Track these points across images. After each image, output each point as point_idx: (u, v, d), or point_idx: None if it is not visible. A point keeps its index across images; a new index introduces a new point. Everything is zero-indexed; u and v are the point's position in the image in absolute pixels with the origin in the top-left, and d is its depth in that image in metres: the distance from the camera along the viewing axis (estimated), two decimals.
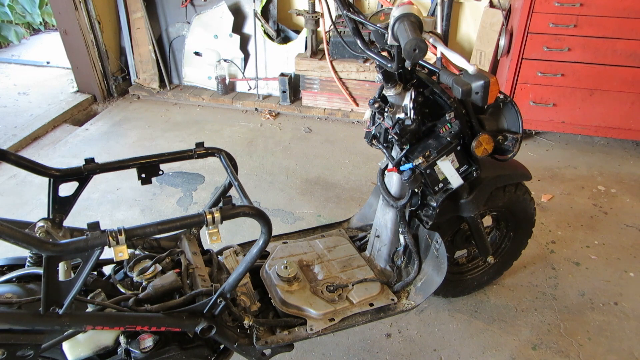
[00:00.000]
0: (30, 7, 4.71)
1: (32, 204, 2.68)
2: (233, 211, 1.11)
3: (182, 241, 1.61)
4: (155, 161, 1.44)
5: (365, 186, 2.78)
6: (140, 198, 2.71)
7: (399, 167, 1.47)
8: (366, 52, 1.39)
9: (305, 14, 3.21)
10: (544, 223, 2.46)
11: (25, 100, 3.86)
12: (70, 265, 1.15)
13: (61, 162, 3.06)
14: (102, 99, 3.86)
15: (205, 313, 1.31)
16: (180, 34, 3.71)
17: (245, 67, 3.67)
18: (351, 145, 3.19)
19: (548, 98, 2.89)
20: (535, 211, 1.89)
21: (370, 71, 3.22)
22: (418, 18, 1.04)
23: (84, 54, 3.65)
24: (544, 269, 2.20)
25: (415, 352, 1.85)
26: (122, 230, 1.00)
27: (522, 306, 2.03)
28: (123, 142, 3.30)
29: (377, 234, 1.78)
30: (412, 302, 1.66)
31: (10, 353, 1.07)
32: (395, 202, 1.58)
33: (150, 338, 1.30)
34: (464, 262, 2.01)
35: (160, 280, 1.34)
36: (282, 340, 1.50)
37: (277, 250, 1.79)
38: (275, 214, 2.57)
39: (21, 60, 4.65)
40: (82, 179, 1.38)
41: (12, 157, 1.29)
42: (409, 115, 1.41)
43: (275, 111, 3.61)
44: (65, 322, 1.07)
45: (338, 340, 1.89)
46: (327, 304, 1.60)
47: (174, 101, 3.82)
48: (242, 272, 1.27)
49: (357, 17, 1.40)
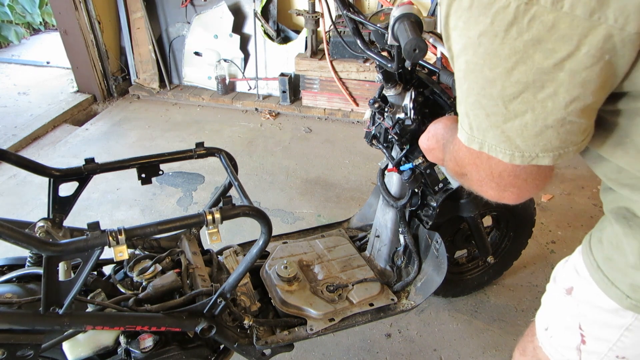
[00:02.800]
0: (30, 7, 4.71)
1: (32, 204, 2.68)
2: (233, 211, 1.11)
3: (182, 241, 1.61)
4: (155, 161, 1.44)
5: (365, 186, 2.78)
6: (140, 198, 2.71)
7: (399, 167, 1.47)
8: (366, 52, 1.39)
9: (305, 14, 3.21)
10: (544, 223, 2.46)
11: (25, 100, 3.86)
12: (70, 265, 1.15)
13: (61, 162, 3.06)
14: (102, 99, 3.87)
15: (205, 313, 1.30)
16: (180, 34, 3.71)
17: (245, 67, 3.67)
18: (351, 145, 3.19)
19: None
20: (535, 211, 1.89)
21: (370, 71, 3.22)
22: (418, 18, 1.04)
23: (84, 54, 3.65)
24: (544, 269, 2.20)
25: (415, 352, 1.85)
26: (122, 230, 1.00)
27: (522, 306, 2.03)
28: (123, 142, 3.30)
29: (377, 234, 1.78)
30: (412, 302, 1.66)
31: (10, 353, 1.07)
32: (395, 202, 1.58)
33: (150, 338, 1.30)
34: (464, 262, 2.01)
35: (160, 280, 1.34)
36: (282, 340, 1.50)
37: (277, 250, 1.79)
38: (275, 214, 2.57)
39: (21, 60, 4.65)
40: (82, 179, 1.38)
41: (12, 157, 1.29)
42: (409, 115, 1.41)
43: (275, 111, 3.61)
44: (65, 322, 1.07)
45: (338, 340, 1.89)
46: (327, 304, 1.60)
47: (174, 101, 3.82)
48: (242, 272, 1.27)
49: (357, 17, 1.40)
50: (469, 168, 0.74)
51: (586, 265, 0.79)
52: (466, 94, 0.64)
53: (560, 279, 0.87)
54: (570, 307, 0.84)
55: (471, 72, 0.61)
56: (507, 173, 0.68)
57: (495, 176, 0.70)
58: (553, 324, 0.90)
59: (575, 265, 0.83)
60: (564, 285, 0.86)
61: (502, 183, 0.70)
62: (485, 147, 0.66)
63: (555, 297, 0.89)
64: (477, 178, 0.73)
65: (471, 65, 0.61)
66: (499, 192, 0.72)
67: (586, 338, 0.83)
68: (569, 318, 0.85)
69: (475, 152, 0.69)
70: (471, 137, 0.67)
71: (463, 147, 0.71)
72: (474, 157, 0.71)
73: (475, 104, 0.63)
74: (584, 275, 0.79)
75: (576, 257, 0.84)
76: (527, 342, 1.01)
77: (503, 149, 0.64)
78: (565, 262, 0.90)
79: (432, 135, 1.04)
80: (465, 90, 0.64)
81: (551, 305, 0.91)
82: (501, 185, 0.70)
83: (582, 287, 0.81)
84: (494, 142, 0.65)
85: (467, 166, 0.74)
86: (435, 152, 1.03)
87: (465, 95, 0.65)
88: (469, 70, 0.61)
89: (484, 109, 0.63)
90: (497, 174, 0.69)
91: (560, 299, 0.87)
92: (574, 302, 0.83)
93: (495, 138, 0.64)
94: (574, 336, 0.84)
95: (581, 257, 0.81)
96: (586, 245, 0.81)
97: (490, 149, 0.66)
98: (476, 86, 0.62)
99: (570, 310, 0.84)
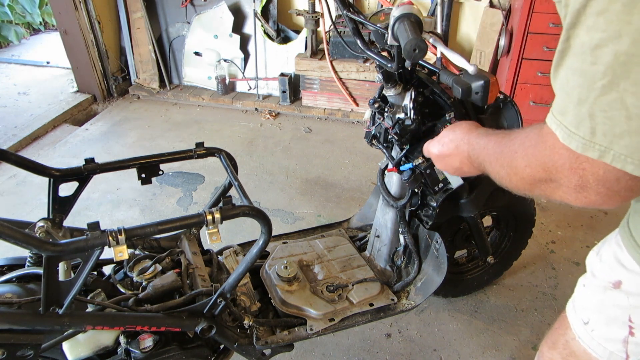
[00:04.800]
0: (30, 7, 4.71)
1: (32, 204, 2.68)
2: (233, 211, 1.11)
3: (182, 241, 1.61)
4: (155, 161, 1.44)
5: (365, 186, 2.78)
6: (140, 198, 2.70)
7: (399, 167, 1.47)
8: (366, 52, 1.39)
9: (305, 14, 3.21)
10: (544, 223, 2.46)
11: (25, 100, 3.86)
12: (70, 265, 1.15)
13: (61, 162, 3.06)
14: (102, 99, 3.86)
15: (205, 313, 1.30)
16: (180, 34, 3.71)
17: (245, 67, 3.67)
18: (351, 145, 3.19)
19: (548, 98, 2.89)
20: (535, 211, 1.89)
21: (370, 71, 3.22)
22: (418, 18, 1.04)
23: (84, 54, 3.65)
24: (544, 269, 2.20)
25: (415, 352, 1.85)
26: (122, 230, 1.00)
27: (522, 306, 2.03)
28: (123, 142, 3.30)
29: (377, 234, 1.78)
30: (412, 302, 1.66)
31: (10, 353, 1.07)
32: (395, 202, 1.58)
33: (150, 338, 1.30)
34: (464, 262, 2.01)
35: (160, 280, 1.34)
36: (282, 340, 1.50)
37: (277, 250, 1.79)
38: (275, 214, 2.57)
39: (21, 60, 4.65)
40: (82, 179, 1.38)
41: (12, 157, 1.29)
42: (409, 115, 1.41)
43: (275, 111, 3.61)
44: (65, 322, 1.07)
45: (338, 340, 1.89)
46: (327, 304, 1.60)
47: (174, 101, 3.82)
48: (242, 272, 1.27)
49: (357, 17, 1.40)
50: (565, 174, 0.65)
51: (635, 259, 0.78)
52: (601, 92, 0.55)
53: (602, 273, 0.86)
54: (618, 300, 0.83)
55: (622, 65, 0.53)
56: (622, 182, 0.61)
57: (603, 184, 0.62)
58: (595, 317, 0.89)
59: (620, 259, 0.81)
60: (608, 279, 0.84)
61: (610, 192, 0.63)
62: (609, 156, 0.58)
63: (597, 292, 0.88)
64: (576, 184, 0.65)
65: (623, 57, 0.52)
66: (603, 199, 0.65)
67: (635, 330, 0.82)
68: (618, 311, 0.84)
69: (583, 159, 0.61)
70: (588, 144, 0.59)
71: (562, 152, 0.63)
72: (579, 163, 0.62)
73: (613, 103, 0.55)
74: (633, 269, 0.78)
75: (616, 250, 0.83)
76: (558, 335, 1.00)
77: (635, 159, 0.56)
78: (596, 254, 0.88)
79: (449, 140, 1.00)
80: (601, 87, 0.55)
81: (592, 299, 0.90)
82: (610, 193, 0.63)
83: (633, 281, 0.80)
84: (624, 151, 0.56)
85: (564, 172, 0.65)
86: (451, 158, 1.00)
87: (598, 93, 0.56)
88: (617, 63, 0.53)
89: (626, 110, 0.55)
90: (608, 182, 0.62)
91: (604, 293, 0.86)
92: (623, 296, 0.82)
93: (629, 147, 0.56)
94: (621, 329, 0.84)
95: (624, 250, 0.80)
96: (628, 238, 0.79)
97: (614, 159, 0.57)
98: (626, 82, 0.53)
99: (619, 303, 0.83)
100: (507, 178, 0.80)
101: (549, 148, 0.66)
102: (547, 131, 0.65)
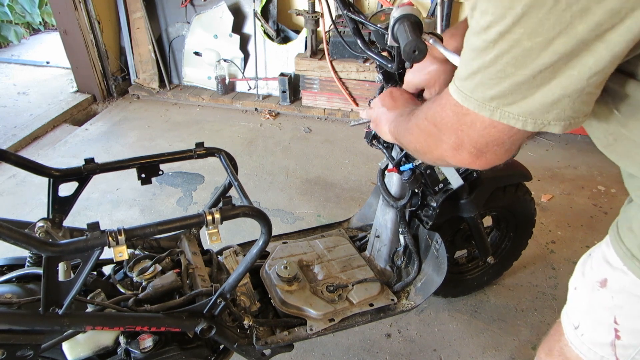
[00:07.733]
0: (30, 7, 4.71)
1: (32, 204, 2.68)
2: (233, 211, 1.11)
3: (182, 241, 1.61)
4: (155, 161, 1.44)
5: (365, 186, 2.78)
6: (140, 198, 2.70)
7: (399, 167, 1.47)
8: (366, 52, 1.39)
9: (305, 14, 3.21)
10: (544, 223, 2.46)
11: (25, 100, 3.86)
12: (70, 265, 1.15)
13: (61, 162, 3.06)
14: (102, 98, 3.86)
15: (205, 313, 1.30)
16: (180, 34, 3.71)
17: (245, 67, 3.67)
18: (351, 145, 3.19)
19: None
20: (535, 211, 1.89)
21: (370, 71, 3.22)
22: (418, 19, 1.04)
23: (83, 54, 3.65)
24: (544, 269, 2.20)
25: (415, 352, 1.85)
26: (122, 230, 1.00)
27: (522, 306, 2.03)
28: (123, 142, 3.30)
29: (377, 234, 1.77)
30: (412, 302, 1.66)
31: (10, 353, 1.07)
32: (395, 202, 1.58)
33: (150, 338, 1.30)
34: (464, 262, 2.01)
35: (160, 280, 1.34)
36: (282, 341, 1.50)
37: (277, 250, 1.79)
38: (275, 214, 2.57)
39: (21, 60, 4.65)
40: (82, 179, 1.38)
41: (12, 157, 1.29)
42: None
43: (275, 111, 3.61)
44: (65, 322, 1.07)
45: (338, 341, 1.89)
46: (327, 304, 1.60)
47: (174, 101, 3.82)
48: (242, 272, 1.27)
49: (357, 17, 1.40)
50: (449, 132, 0.75)
51: (619, 256, 0.78)
52: (489, 64, 0.64)
53: (590, 273, 0.86)
54: (604, 300, 0.83)
55: (505, 42, 0.61)
56: (496, 139, 0.71)
57: (478, 142, 0.72)
58: (584, 321, 0.90)
59: (606, 257, 0.82)
60: (595, 278, 0.85)
61: (483, 149, 0.73)
62: (497, 114, 0.67)
63: (586, 293, 0.88)
64: (455, 142, 0.75)
65: (507, 35, 0.60)
66: (473, 158, 0.75)
67: (620, 333, 0.82)
68: (603, 312, 0.84)
69: (468, 117, 0.70)
70: (482, 105, 0.67)
71: (451, 111, 0.73)
72: (462, 122, 0.72)
73: (499, 72, 0.63)
74: (618, 266, 0.79)
75: (604, 249, 0.83)
76: (553, 341, 1.00)
77: (517, 115, 0.65)
78: (588, 256, 0.89)
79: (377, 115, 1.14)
80: (489, 60, 0.64)
81: (581, 302, 0.90)
82: (481, 151, 0.73)
83: (617, 278, 0.80)
84: (509, 109, 0.66)
85: (449, 130, 0.75)
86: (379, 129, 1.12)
87: (487, 64, 0.64)
88: (503, 40, 0.61)
89: (508, 78, 0.63)
90: (483, 139, 0.71)
91: (591, 294, 0.86)
92: (608, 295, 0.82)
93: (513, 105, 0.66)
94: (607, 332, 0.84)
95: (611, 248, 0.80)
96: (615, 236, 0.80)
97: (502, 116, 0.66)
98: (507, 56, 0.62)
99: (604, 303, 0.83)
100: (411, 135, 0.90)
101: (443, 106, 0.76)
102: (448, 96, 0.75)
